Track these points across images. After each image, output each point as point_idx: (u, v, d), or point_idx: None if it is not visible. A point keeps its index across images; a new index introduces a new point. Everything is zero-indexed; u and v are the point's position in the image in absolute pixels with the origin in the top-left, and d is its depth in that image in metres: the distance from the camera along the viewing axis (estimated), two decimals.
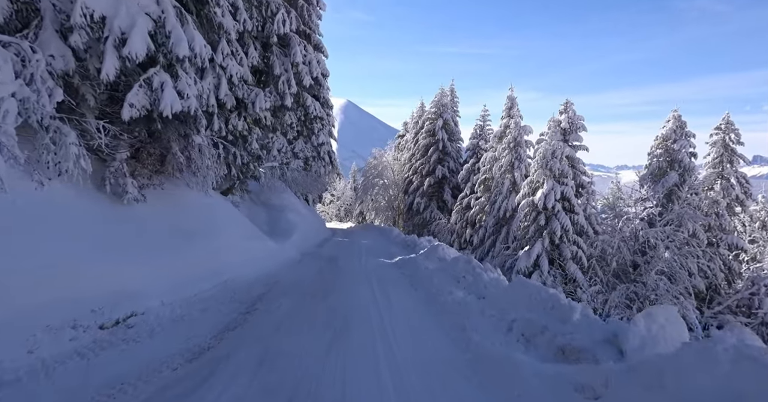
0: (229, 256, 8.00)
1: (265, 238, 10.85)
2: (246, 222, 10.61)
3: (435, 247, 10.43)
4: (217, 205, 8.87)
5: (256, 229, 11.00)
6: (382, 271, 9.89)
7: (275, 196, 18.27)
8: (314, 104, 22.41)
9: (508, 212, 20.07)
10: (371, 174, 34.17)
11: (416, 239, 15.85)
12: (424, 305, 6.34)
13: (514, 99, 22.08)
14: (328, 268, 10.18)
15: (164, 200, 7.29)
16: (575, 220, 16.78)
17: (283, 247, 11.70)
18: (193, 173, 8.11)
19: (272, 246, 10.79)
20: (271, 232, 13.80)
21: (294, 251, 12.29)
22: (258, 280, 7.65)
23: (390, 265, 11.30)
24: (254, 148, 12.29)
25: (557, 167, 16.96)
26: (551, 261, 16.93)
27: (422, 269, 9.20)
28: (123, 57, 5.47)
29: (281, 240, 12.47)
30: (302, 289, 7.22)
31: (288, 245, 12.41)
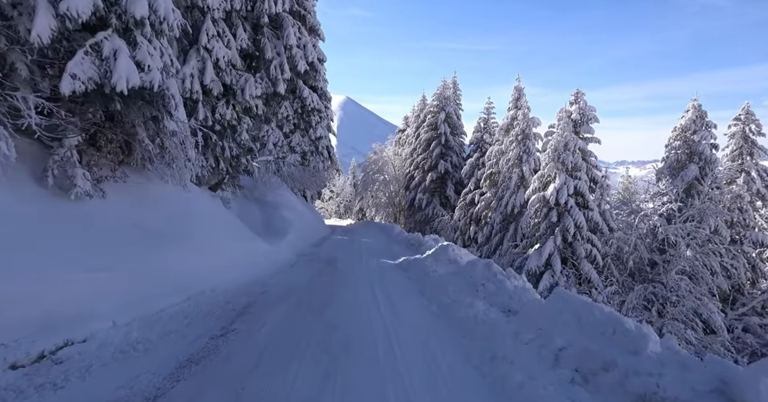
0: (210, 260, 6.83)
1: (255, 239, 9.69)
2: (233, 220, 9.45)
3: (444, 247, 9.27)
4: (198, 201, 7.70)
5: (245, 229, 9.84)
6: (386, 276, 8.74)
7: (270, 193, 17.10)
8: (311, 96, 21.20)
9: (516, 208, 18.91)
10: (371, 169, 32.99)
11: (420, 237, 14.70)
12: (440, 322, 5.18)
13: (521, 90, 20.86)
14: (325, 271, 9.02)
15: (130, 195, 6.12)
16: (589, 217, 15.62)
17: (277, 248, 10.54)
18: (168, 164, 6.94)
19: (264, 247, 9.63)
20: (264, 231, 12.65)
21: (289, 252, 11.14)
22: (242, 289, 6.49)
23: (394, 268, 10.15)
24: (244, 140, 11.11)
25: (570, 160, 15.78)
26: (564, 260, 15.79)
27: (432, 274, 8.05)
28: (61, 15, 4.29)
29: (275, 240, 11.31)
30: (294, 301, 6.07)
31: (282, 245, 11.25)
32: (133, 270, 5.13)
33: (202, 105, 10.24)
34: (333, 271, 9.02)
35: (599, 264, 15.43)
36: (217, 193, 12.28)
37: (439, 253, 9.28)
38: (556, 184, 15.74)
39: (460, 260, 8.60)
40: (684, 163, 16.51)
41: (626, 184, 24.88)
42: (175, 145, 6.70)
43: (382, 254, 13.16)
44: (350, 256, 12.37)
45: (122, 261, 5.07)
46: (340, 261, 10.98)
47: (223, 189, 13.31)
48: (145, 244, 5.58)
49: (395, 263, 11.16)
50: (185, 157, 7.71)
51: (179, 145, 6.80)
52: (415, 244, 14.22)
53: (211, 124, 10.49)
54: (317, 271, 8.99)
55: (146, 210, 6.22)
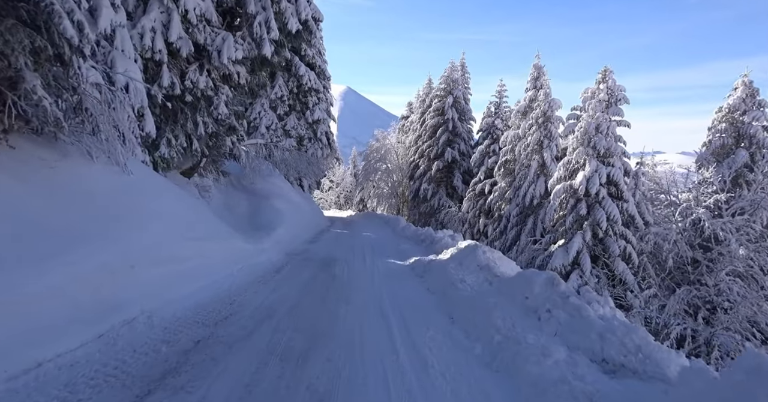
0: (155, 269, 4.78)
1: (231, 237, 7.62)
2: (202, 213, 7.37)
3: (472, 249, 7.18)
4: (145, 187, 5.62)
5: (218, 224, 7.77)
6: (399, 287, 6.68)
7: (261, 181, 15.00)
8: (308, 74, 19.00)
9: (536, 199, 16.84)
10: (373, 158, 30.85)
11: (432, 233, 12.64)
12: (500, 385, 3.16)
13: (540, 68, 18.63)
14: (318, 281, 6.97)
15: (21, 178, 4.06)
16: (624, 209, 13.56)
17: (261, 247, 8.48)
18: (94, 135, 4.87)
19: (242, 247, 7.56)
20: (249, 225, 10.60)
21: (276, 251, 9.09)
22: (192, 316, 4.43)
23: (406, 274, 8.10)
24: (223, 115, 8.98)
25: (602, 144, 13.67)
26: (594, 258, 13.76)
27: (459, 286, 6.00)
28: None
29: (260, 236, 9.25)
30: (265, 338, 4.02)
31: (268, 243, 9.19)
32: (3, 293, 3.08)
33: (167, 68, 8.12)
34: (329, 281, 6.95)
35: (634, 263, 13.41)
36: (192, 180, 10.20)
37: (464, 255, 7.21)
38: (585, 171, 13.65)
39: (495, 267, 6.53)
40: (730, 148, 14.39)
41: (651, 176, 22.74)
42: (99, 105, 4.60)
43: (389, 252, 11.12)
44: (351, 255, 10.34)
45: None
46: (339, 263, 8.93)
47: (201, 174, 11.23)
48: (32, 251, 3.52)
49: (406, 265, 9.12)
50: (129, 128, 5.62)
51: (106, 106, 4.70)
52: (426, 240, 12.16)
53: (180, 94, 8.37)
54: (308, 279, 6.91)
55: (51, 200, 4.15)
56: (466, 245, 8.00)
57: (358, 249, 11.54)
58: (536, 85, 18.55)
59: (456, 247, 8.63)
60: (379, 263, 9.30)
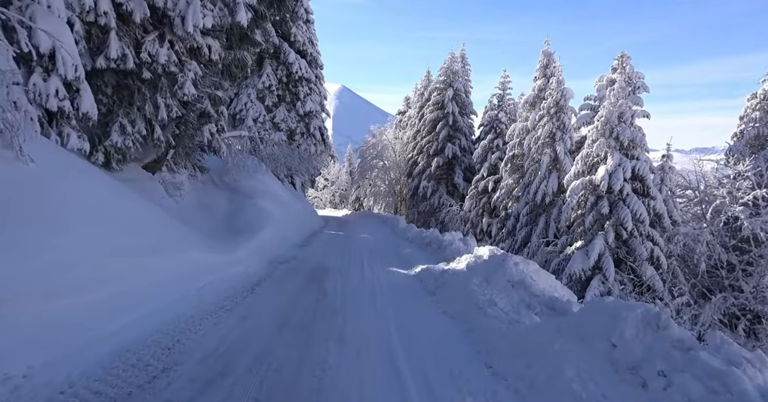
0: (53, 303, 3.19)
1: (192, 246, 6.00)
2: (152, 217, 5.76)
3: (501, 260, 5.57)
4: (53, 180, 4.00)
5: (176, 229, 6.15)
6: (408, 311, 5.10)
7: (246, 178, 13.37)
8: (298, 61, 17.35)
9: (548, 197, 15.32)
10: (369, 154, 29.25)
11: (438, 235, 11.07)
12: None
13: (551, 54, 17.11)
14: (305, 302, 5.37)
15: None
16: (651, 207, 12.06)
17: (235, 256, 6.86)
18: None
19: (205, 259, 5.95)
20: (227, 229, 8.98)
21: (256, 260, 7.49)
22: (99, 376, 2.84)
23: (415, 289, 6.53)
24: (190, 95, 7.34)
25: (626, 135, 12.15)
26: (617, 262, 12.26)
27: (489, 311, 4.45)
28: None
29: (236, 243, 7.62)
30: None
31: (247, 250, 7.57)
32: None
33: (117, 36, 6.48)
34: (317, 302, 5.34)
35: (663, 267, 11.92)
36: (157, 176, 8.56)
37: (490, 269, 5.63)
38: (608, 165, 12.13)
39: (533, 285, 4.96)
40: (766, 139, 12.94)
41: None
42: None
43: (390, 259, 9.55)
44: (347, 262, 8.76)
45: None
46: (332, 274, 7.35)
47: (172, 169, 9.59)
48: None
49: (413, 276, 7.56)
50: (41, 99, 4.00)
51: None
52: (432, 244, 10.59)
53: (136, 69, 6.74)
54: (290, 300, 5.31)
55: None
56: (489, 254, 6.44)
57: (355, 254, 9.97)
58: (546, 73, 17.03)
59: (473, 255, 7.07)
60: (380, 273, 7.72)
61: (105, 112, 7.00)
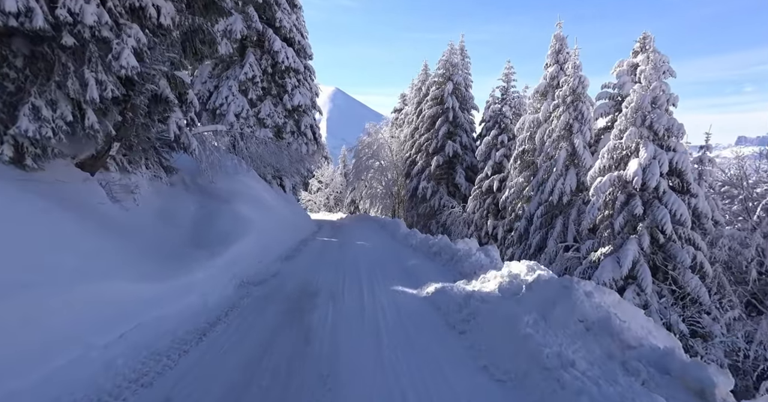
0: None
1: (121, 273, 4.21)
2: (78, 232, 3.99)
3: (564, 287, 3.75)
4: None
5: (108, 247, 4.37)
6: (431, 368, 3.38)
7: (225, 180, 11.60)
8: (285, 50, 15.55)
9: (566, 196, 13.63)
10: (364, 154, 27.50)
11: (449, 243, 9.32)
12: None
13: (563, 39, 15.47)
14: (278, 353, 3.62)
15: None
16: (692, 206, 10.42)
17: (189, 282, 5.07)
18: None
19: (138, 292, 4.13)
20: (192, 240, 7.19)
21: (223, 282, 5.72)
22: None
23: (433, 322, 4.76)
24: (130, 67, 5.57)
25: (662, 123, 10.50)
26: (654, 270, 10.59)
27: (566, 378, 2.75)
28: None
29: (195, 262, 5.82)
30: None
31: (210, 271, 5.79)
32: None
33: None
34: (294, 357, 3.56)
35: (708, 275, 10.26)
36: (99, 177, 6.75)
37: (544, 298, 3.88)
38: (641, 158, 10.46)
39: (623, 329, 3.23)
40: None
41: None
42: None
43: (394, 273, 7.79)
44: (341, 280, 7.00)
45: None
46: (321, 300, 5.60)
47: (125, 169, 7.79)
48: None
49: (425, 300, 5.82)
50: None
51: None
52: (443, 254, 8.84)
53: (52, 31, 4.97)
54: (253, 358, 3.51)
55: None
56: (531, 273, 4.71)
57: (351, 269, 8.21)
58: (558, 59, 15.39)
59: (507, 274, 5.33)
60: (382, 297, 5.98)
61: (13, 91, 5.22)
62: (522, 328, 3.50)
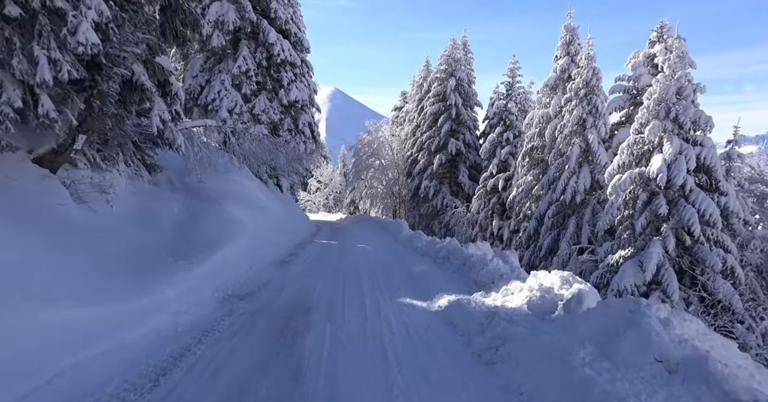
0: None
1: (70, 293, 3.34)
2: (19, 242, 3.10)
3: (629, 312, 2.88)
4: None
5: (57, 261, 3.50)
6: None
7: (216, 178, 10.73)
8: (280, 42, 14.65)
9: (579, 195, 12.77)
10: (364, 153, 26.63)
11: (458, 247, 8.47)
12: None
13: (574, 29, 14.61)
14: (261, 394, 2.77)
15: None
16: (722, 205, 9.57)
17: (158, 299, 4.22)
18: None
19: (87, 317, 3.28)
20: (172, 246, 6.32)
21: (200, 299, 4.87)
22: None
23: (452, 348, 3.88)
24: (89, 44, 4.71)
25: (688, 115, 9.65)
26: (680, 275, 9.74)
27: None
28: None
29: (169, 274, 4.96)
30: None
31: (187, 284, 4.93)
32: None
33: None
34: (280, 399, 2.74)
35: (739, 280, 9.41)
36: (62, 175, 5.89)
37: (601, 325, 3.01)
38: (665, 154, 9.60)
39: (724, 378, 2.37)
40: None
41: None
42: None
43: (399, 282, 6.92)
44: (340, 291, 6.14)
45: None
46: (317, 317, 4.74)
47: (98, 166, 6.92)
48: None
49: (437, 314, 4.97)
50: None
51: None
52: (453, 259, 7.97)
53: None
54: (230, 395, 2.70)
55: None
56: (576, 292, 3.83)
57: (351, 276, 7.34)
58: (569, 50, 14.54)
59: (536, 288, 4.46)
60: (389, 311, 5.12)
61: None
62: (578, 368, 2.64)
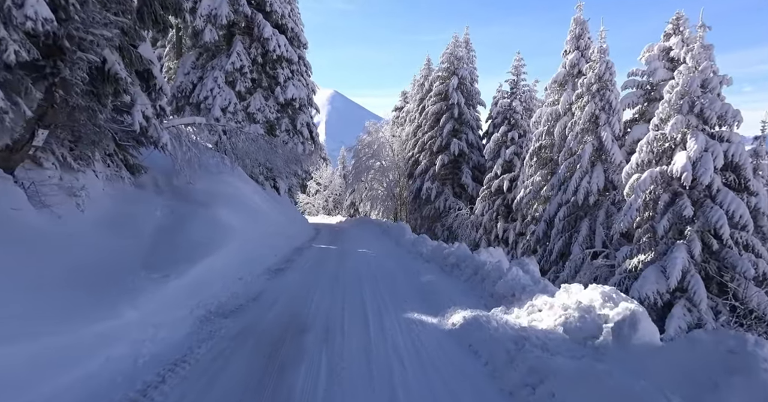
0: None
1: None
2: None
3: (739, 354, 2.23)
4: None
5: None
6: None
7: (206, 180, 9.98)
8: (276, 37, 13.87)
9: (592, 196, 12.03)
10: (364, 154, 25.90)
11: (467, 253, 7.72)
12: None
13: (584, 22, 13.91)
14: None
15: None
16: (753, 206, 8.83)
17: (116, 326, 3.47)
18: None
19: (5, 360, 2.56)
20: (148, 256, 5.56)
21: (176, 318, 4.11)
22: None
23: (476, 383, 3.18)
24: (40, 20, 3.98)
25: (715, 109, 8.92)
26: (707, 281, 8.99)
27: None
28: None
29: (137, 290, 4.22)
30: None
31: (160, 301, 4.19)
32: None
33: None
34: None
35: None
36: (19, 174, 5.14)
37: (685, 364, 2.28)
38: (689, 151, 8.87)
39: None
40: None
41: None
42: None
43: (406, 294, 6.17)
44: (339, 306, 5.39)
45: None
46: (312, 341, 3.99)
47: (69, 166, 6.17)
48: None
49: (451, 333, 4.23)
50: None
51: None
52: (462, 267, 7.22)
53: None
54: None
55: None
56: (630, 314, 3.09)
57: (352, 286, 6.60)
58: (579, 45, 13.83)
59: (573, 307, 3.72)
60: (396, 333, 4.38)
61: None
62: None
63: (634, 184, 9.71)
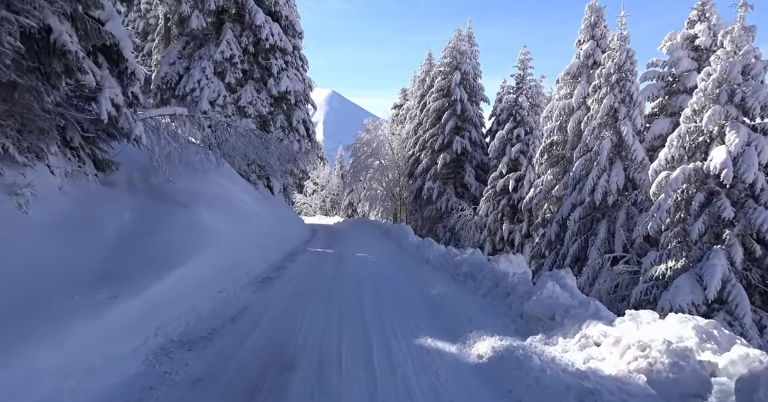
0: None
1: None
2: None
3: None
4: None
5: None
6: None
7: (188, 179, 8.93)
8: (269, 25, 12.74)
9: (611, 196, 11.02)
10: (363, 153, 24.86)
11: (482, 260, 6.71)
12: None
13: (600, 10, 12.91)
14: None
15: None
16: None
17: (33, 370, 2.49)
18: None
19: None
20: (103, 268, 4.52)
21: (118, 355, 3.11)
22: None
23: None
24: None
25: (759, 99, 7.93)
26: (749, 290, 7.99)
27: None
28: None
29: (77, 316, 3.23)
30: None
31: (100, 331, 3.20)
32: None
33: None
34: None
35: None
36: None
37: None
38: (729, 145, 7.87)
39: None
40: None
41: None
42: None
43: (414, 312, 5.12)
44: (335, 328, 4.35)
45: None
46: (299, 384, 2.96)
47: (15, 159, 5.12)
48: None
49: (479, 373, 3.25)
50: None
51: None
52: (477, 277, 6.18)
53: None
54: None
55: None
56: (761, 371, 2.06)
57: (351, 301, 5.57)
58: (594, 34, 12.84)
59: (663, 350, 2.71)
60: (408, 371, 3.40)
61: None
62: None
63: (663, 183, 8.72)
